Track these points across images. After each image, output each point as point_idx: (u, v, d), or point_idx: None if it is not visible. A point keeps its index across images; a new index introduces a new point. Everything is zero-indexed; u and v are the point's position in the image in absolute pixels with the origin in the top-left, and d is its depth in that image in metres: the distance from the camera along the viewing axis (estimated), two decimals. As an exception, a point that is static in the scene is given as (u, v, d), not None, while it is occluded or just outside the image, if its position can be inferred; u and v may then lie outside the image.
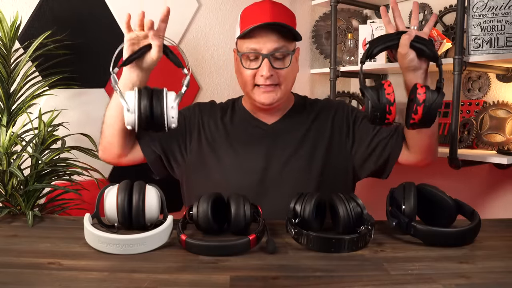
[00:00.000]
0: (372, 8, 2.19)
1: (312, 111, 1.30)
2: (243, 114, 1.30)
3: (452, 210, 0.94)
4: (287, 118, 1.28)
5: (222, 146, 1.24)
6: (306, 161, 1.22)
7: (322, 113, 1.29)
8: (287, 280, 0.72)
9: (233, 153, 1.23)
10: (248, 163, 1.22)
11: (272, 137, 1.25)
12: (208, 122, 1.28)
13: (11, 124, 1.31)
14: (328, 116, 1.28)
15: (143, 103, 0.93)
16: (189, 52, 1.85)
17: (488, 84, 1.76)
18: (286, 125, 1.27)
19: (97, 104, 1.64)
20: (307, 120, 1.28)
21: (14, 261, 0.79)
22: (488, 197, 1.81)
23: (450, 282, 0.71)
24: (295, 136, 1.25)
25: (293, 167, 1.22)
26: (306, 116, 1.28)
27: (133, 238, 0.83)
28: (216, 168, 1.22)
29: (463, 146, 1.67)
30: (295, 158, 1.23)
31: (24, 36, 1.47)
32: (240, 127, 1.28)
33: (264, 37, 1.13)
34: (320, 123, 1.27)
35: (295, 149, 1.23)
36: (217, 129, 1.27)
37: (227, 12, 1.94)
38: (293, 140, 1.24)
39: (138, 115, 0.93)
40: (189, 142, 1.26)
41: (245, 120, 1.29)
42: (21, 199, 1.12)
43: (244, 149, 1.24)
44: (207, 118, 1.29)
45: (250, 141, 1.25)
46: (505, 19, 1.50)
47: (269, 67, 1.13)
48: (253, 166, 1.22)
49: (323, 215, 0.96)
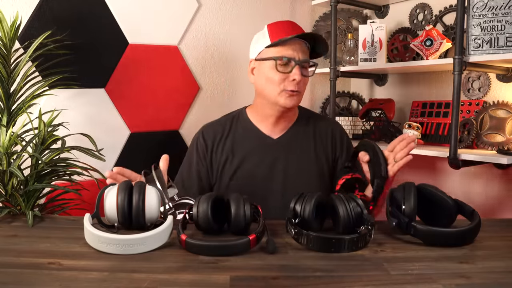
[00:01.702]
0: (372, 8, 2.19)
1: (314, 126, 1.37)
2: (249, 129, 1.35)
3: (452, 210, 0.94)
4: (290, 132, 1.34)
5: (231, 166, 1.31)
6: (308, 175, 1.31)
7: (322, 131, 1.37)
8: (287, 280, 0.72)
9: (239, 171, 1.30)
10: (254, 176, 1.29)
11: (278, 151, 1.31)
12: (213, 146, 1.34)
13: (11, 124, 1.31)
14: (328, 134, 1.37)
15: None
16: (189, 52, 1.86)
17: (488, 84, 1.76)
18: (289, 140, 1.33)
19: (97, 104, 1.64)
20: (310, 135, 1.35)
21: (14, 261, 0.79)
22: (488, 197, 1.81)
23: (450, 282, 0.71)
24: (297, 151, 1.32)
25: (296, 180, 1.30)
26: (307, 131, 1.36)
27: (133, 238, 0.83)
28: (229, 184, 1.31)
29: (463, 146, 1.67)
30: (299, 172, 1.30)
31: (24, 36, 1.47)
32: (246, 142, 1.33)
33: (298, 46, 1.24)
34: (321, 140, 1.36)
35: (299, 164, 1.31)
36: (223, 150, 1.33)
37: (227, 12, 1.94)
38: (296, 155, 1.32)
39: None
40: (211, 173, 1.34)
41: (251, 135, 1.34)
42: (21, 199, 1.12)
43: (250, 165, 1.30)
44: (211, 143, 1.34)
45: (255, 156, 1.31)
46: (505, 19, 1.50)
47: (300, 73, 1.23)
48: (259, 179, 1.29)
49: (323, 215, 0.96)
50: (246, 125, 1.35)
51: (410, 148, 1.11)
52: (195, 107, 1.89)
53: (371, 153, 1.12)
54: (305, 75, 1.26)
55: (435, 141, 1.85)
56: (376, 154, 1.10)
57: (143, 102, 1.74)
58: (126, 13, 1.68)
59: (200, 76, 1.89)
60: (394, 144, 1.14)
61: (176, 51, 1.81)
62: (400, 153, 1.11)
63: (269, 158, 1.30)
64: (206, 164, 1.33)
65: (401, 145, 1.12)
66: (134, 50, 1.70)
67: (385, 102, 2.02)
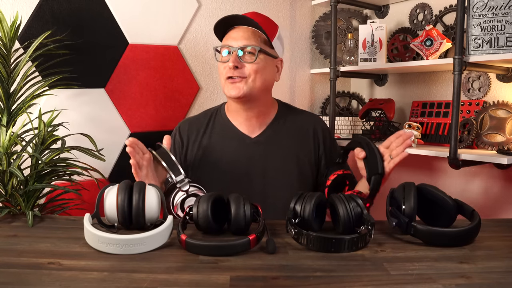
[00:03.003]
0: (372, 8, 2.19)
1: (294, 123, 1.34)
2: (225, 127, 1.33)
3: (452, 210, 0.94)
4: (269, 131, 1.32)
5: (206, 164, 1.29)
6: (289, 175, 1.28)
7: (303, 127, 1.34)
8: (287, 280, 0.72)
9: (215, 170, 1.28)
10: (231, 177, 1.27)
11: (256, 151, 1.29)
12: (188, 143, 1.33)
13: (11, 124, 1.31)
14: (309, 131, 1.34)
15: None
16: (189, 52, 1.86)
17: (488, 84, 1.76)
18: (268, 139, 1.31)
19: (97, 104, 1.64)
20: (290, 133, 1.32)
21: (14, 261, 0.79)
22: (488, 197, 1.81)
23: (450, 282, 0.71)
24: (276, 151, 1.30)
25: (276, 182, 1.28)
26: (287, 130, 1.32)
27: (133, 238, 0.83)
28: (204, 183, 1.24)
29: (463, 146, 1.67)
30: (278, 172, 1.28)
31: (24, 36, 1.47)
32: (223, 141, 1.31)
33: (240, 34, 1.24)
34: (302, 137, 1.33)
35: (278, 163, 1.29)
36: (199, 147, 1.31)
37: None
38: (275, 155, 1.29)
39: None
40: (185, 163, 1.33)
41: (227, 134, 1.32)
42: (21, 199, 1.12)
43: (227, 165, 1.28)
44: (187, 139, 1.34)
45: (232, 155, 1.29)
46: (505, 19, 1.50)
47: (234, 59, 1.21)
48: (236, 180, 1.27)
49: (323, 215, 0.96)
50: (223, 122, 1.33)
51: (406, 145, 1.10)
52: (195, 107, 1.89)
53: (366, 149, 1.10)
54: (245, 61, 1.22)
55: (435, 141, 1.85)
56: (371, 151, 1.08)
57: (143, 102, 1.74)
58: (126, 13, 1.68)
59: (200, 76, 1.89)
60: (390, 140, 1.12)
61: (176, 51, 1.81)
62: (396, 150, 1.09)
63: (247, 158, 1.28)
64: (180, 160, 1.32)
65: (397, 142, 1.11)
66: (134, 50, 1.70)
67: (385, 102, 2.02)
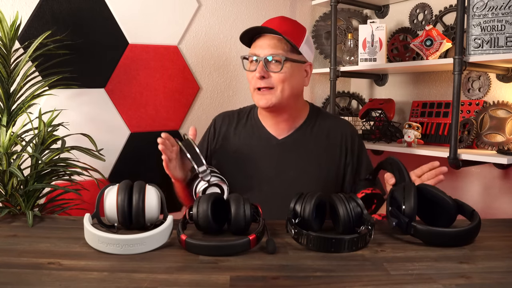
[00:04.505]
0: (372, 8, 2.19)
1: (322, 128, 1.33)
2: (255, 127, 1.35)
3: (452, 210, 0.94)
4: (296, 134, 1.32)
5: (231, 159, 1.31)
6: (310, 178, 1.28)
7: (331, 132, 1.33)
8: (287, 280, 0.72)
9: (239, 166, 1.30)
10: (253, 175, 1.28)
11: (281, 153, 1.30)
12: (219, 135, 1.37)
13: (11, 124, 1.31)
14: (337, 136, 1.32)
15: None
16: (189, 52, 1.86)
17: (488, 84, 1.76)
18: (294, 141, 1.31)
19: (97, 104, 1.64)
20: (318, 137, 1.31)
21: (14, 261, 0.79)
22: (488, 197, 1.81)
23: (450, 282, 0.71)
24: (301, 154, 1.29)
25: (296, 184, 1.26)
26: (314, 134, 1.32)
27: (133, 238, 0.83)
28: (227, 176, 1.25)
29: (463, 146, 1.67)
30: (300, 175, 1.28)
31: (24, 36, 1.47)
32: (251, 140, 1.33)
33: (266, 42, 1.22)
34: (329, 143, 1.31)
35: (302, 167, 1.28)
36: (228, 142, 1.34)
37: (227, 12, 1.94)
38: (299, 158, 1.29)
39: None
40: (213, 154, 1.37)
41: (255, 133, 1.34)
42: (21, 199, 1.12)
43: (250, 162, 1.29)
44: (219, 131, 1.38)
45: (256, 154, 1.30)
46: (505, 19, 1.50)
47: (261, 69, 1.21)
48: (257, 178, 1.28)
49: (323, 215, 0.96)
50: (255, 122, 1.35)
51: (438, 180, 1.09)
52: (195, 107, 1.89)
53: (397, 175, 1.07)
54: (271, 71, 1.21)
55: (435, 141, 1.85)
56: (402, 178, 1.05)
57: (143, 102, 1.74)
58: (126, 13, 1.68)
59: (200, 76, 1.89)
60: (423, 170, 1.11)
61: (176, 51, 1.81)
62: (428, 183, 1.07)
63: (271, 159, 1.29)
64: (210, 151, 1.36)
65: (430, 175, 1.09)
66: (134, 50, 1.70)
67: (385, 102, 2.02)
